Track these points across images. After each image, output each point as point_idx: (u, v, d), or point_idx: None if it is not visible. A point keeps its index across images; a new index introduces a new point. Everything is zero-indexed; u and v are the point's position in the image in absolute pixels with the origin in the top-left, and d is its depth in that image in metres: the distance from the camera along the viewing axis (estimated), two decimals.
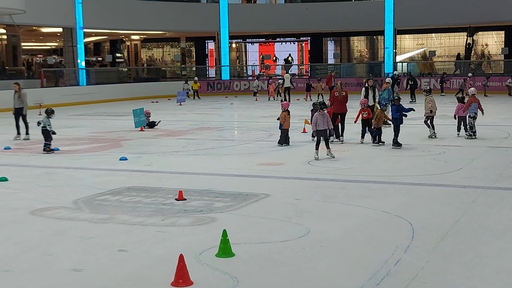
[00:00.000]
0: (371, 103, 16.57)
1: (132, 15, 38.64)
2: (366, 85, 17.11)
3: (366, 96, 16.56)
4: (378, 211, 8.14)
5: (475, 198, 8.83)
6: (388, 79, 19.63)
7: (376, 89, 17.35)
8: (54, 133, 14.37)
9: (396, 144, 13.83)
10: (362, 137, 14.80)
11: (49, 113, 14.56)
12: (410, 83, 29.54)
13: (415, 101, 26.67)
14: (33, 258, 6.39)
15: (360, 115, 14.85)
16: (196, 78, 36.98)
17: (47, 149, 14.14)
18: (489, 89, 32.10)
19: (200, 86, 35.88)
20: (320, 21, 40.38)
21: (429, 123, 15.55)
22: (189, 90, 35.32)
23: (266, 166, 11.93)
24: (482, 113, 15.57)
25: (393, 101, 14.59)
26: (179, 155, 13.66)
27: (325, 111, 12.64)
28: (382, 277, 5.64)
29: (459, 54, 44.10)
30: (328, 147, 12.59)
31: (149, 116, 19.24)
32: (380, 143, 14.19)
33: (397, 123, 13.97)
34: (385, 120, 15.14)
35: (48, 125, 14.22)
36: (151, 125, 19.03)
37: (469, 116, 15.25)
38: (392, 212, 8.06)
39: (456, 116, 15.65)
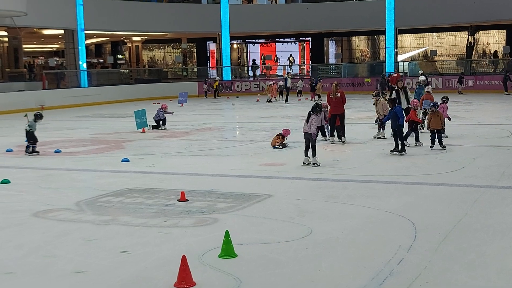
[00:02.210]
0: (404, 106, 14.95)
1: (133, 16, 38.65)
2: (396, 87, 15.77)
3: (398, 99, 14.87)
4: (380, 211, 8.14)
5: (477, 197, 8.81)
6: (422, 77, 19.09)
7: (409, 91, 15.87)
8: (34, 138, 14.20)
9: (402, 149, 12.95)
10: (417, 139, 13.87)
11: (38, 117, 14.34)
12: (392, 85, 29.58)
13: None
14: (35, 260, 6.39)
15: (411, 116, 14.01)
16: (218, 78, 38.40)
17: (29, 150, 14.12)
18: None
19: (218, 86, 37.01)
20: (321, 21, 40.37)
21: (379, 124, 15.43)
22: (208, 90, 36.93)
23: (268, 166, 11.92)
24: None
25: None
26: (181, 156, 13.66)
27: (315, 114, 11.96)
28: (385, 277, 5.63)
29: (496, 51, 43.53)
30: (314, 155, 11.78)
31: (164, 110, 19.20)
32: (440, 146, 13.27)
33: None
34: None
35: (30, 127, 14.12)
36: (159, 123, 19.04)
37: (422, 113, 15.76)
38: (395, 212, 8.05)
39: None
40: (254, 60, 48.54)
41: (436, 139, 13.29)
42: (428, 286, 5.41)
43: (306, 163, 11.80)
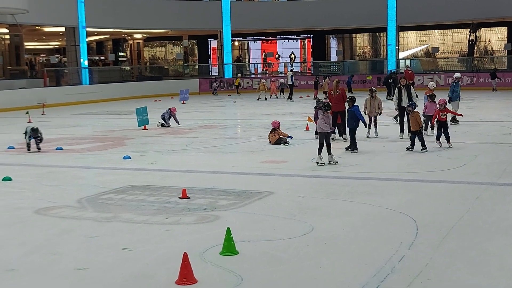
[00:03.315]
0: (405, 104, 14.47)
1: (134, 13, 38.68)
2: (399, 84, 15.14)
3: (400, 97, 14.83)
4: (381, 208, 8.14)
5: (479, 194, 8.81)
6: (457, 74, 18.56)
7: (412, 88, 15.15)
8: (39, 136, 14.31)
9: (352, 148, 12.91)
10: (438, 139, 13.36)
11: (35, 131, 14.06)
12: (390, 80, 29.56)
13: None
14: (38, 258, 6.40)
15: (437, 116, 13.57)
16: (239, 75, 38.17)
17: (29, 146, 14.21)
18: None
19: (240, 82, 36.81)
20: (322, 18, 40.37)
21: (372, 122, 15.27)
22: (216, 88, 37.10)
23: (270, 163, 11.92)
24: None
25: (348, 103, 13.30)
26: (182, 154, 13.67)
27: (329, 113, 11.71)
28: (386, 274, 5.63)
29: None
30: (330, 153, 11.50)
31: (172, 113, 19.19)
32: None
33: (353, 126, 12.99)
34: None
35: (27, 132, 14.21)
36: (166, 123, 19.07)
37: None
38: (396, 209, 8.05)
39: (424, 114, 15.13)
40: (238, 57, 48.30)
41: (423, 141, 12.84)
42: (429, 283, 5.42)
43: (323, 163, 11.45)
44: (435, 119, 13.87)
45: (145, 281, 5.64)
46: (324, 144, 11.46)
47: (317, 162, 11.49)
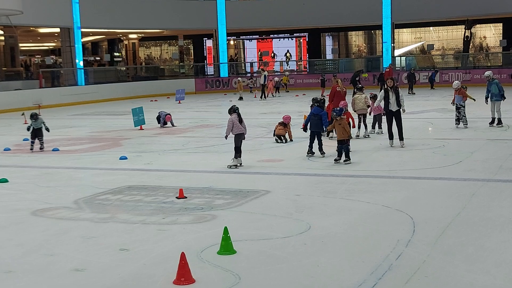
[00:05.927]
0: (393, 108, 13.06)
1: (129, 13, 38.61)
2: (386, 86, 13.29)
3: (387, 100, 13.10)
4: (378, 205, 8.15)
5: (475, 191, 8.83)
6: (487, 72, 17.07)
7: (401, 92, 13.28)
8: (47, 129, 14.64)
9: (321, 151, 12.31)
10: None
11: (33, 116, 14.44)
12: (357, 79, 29.67)
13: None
14: (35, 259, 6.39)
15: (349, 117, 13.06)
16: (287, 73, 37.97)
17: (33, 147, 14.30)
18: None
19: (288, 80, 36.38)
20: (318, 16, 40.36)
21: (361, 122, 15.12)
22: (254, 85, 35.70)
23: (266, 162, 11.93)
24: (473, 99, 16.74)
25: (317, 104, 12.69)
26: (179, 153, 13.66)
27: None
28: (383, 272, 5.64)
29: None
30: (239, 156, 11.39)
31: (167, 120, 19.14)
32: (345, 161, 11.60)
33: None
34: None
35: (38, 125, 14.32)
36: (159, 120, 19.07)
37: (456, 108, 16.33)
38: (393, 206, 8.06)
39: (371, 113, 15.15)
40: (232, 56, 47.94)
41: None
42: (427, 280, 5.43)
43: (236, 165, 11.44)
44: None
45: (143, 281, 5.64)
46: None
47: (229, 166, 11.32)
